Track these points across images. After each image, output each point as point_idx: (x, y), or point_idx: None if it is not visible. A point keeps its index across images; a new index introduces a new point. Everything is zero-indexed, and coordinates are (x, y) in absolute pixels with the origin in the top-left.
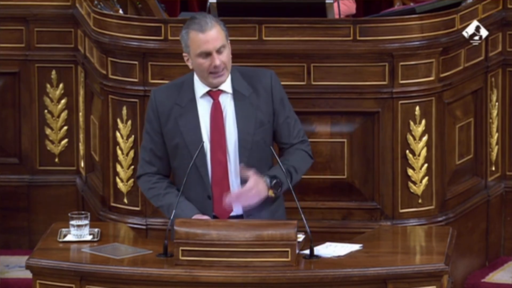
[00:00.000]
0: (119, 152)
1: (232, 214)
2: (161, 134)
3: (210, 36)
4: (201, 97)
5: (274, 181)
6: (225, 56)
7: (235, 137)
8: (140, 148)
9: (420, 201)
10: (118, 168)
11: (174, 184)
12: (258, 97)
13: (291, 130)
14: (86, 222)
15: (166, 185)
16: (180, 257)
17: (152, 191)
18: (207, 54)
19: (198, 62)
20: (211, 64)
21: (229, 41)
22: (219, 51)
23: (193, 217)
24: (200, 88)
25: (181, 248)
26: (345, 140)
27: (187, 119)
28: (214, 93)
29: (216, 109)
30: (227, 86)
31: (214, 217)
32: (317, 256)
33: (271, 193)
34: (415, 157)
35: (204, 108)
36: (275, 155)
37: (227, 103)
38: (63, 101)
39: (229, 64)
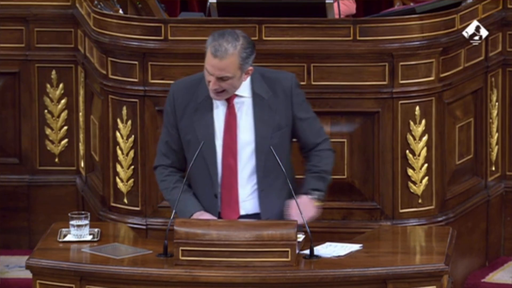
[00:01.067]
0: (119, 152)
1: (243, 213)
2: (177, 128)
3: (217, 64)
4: None
5: (316, 193)
6: (228, 84)
7: (251, 140)
8: (159, 139)
9: (420, 201)
10: (118, 168)
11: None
12: (277, 100)
13: (313, 130)
14: (86, 222)
15: (176, 179)
16: (180, 257)
17: (163, 183)
18: (210, 73)
19: (205, 72)
20: (210, 82)
21: (246, 69)
22: (221, 79)
23: (194, 215)
24: None
25: (181, 248)
26: (345, 140)
27: (201, 116)
28: (229, 97)
29: (230, 114)
30: (244, 90)
31: (220, 215)
32: (317, 256)
33: (316, 203)
34: (415, 157)
35: (219, 108)
36: (276, 156)
37: (245, 106)
38: (63, 101)
39: (230, 90)
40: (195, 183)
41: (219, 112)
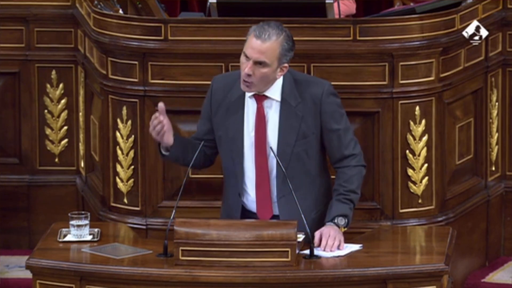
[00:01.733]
0: (119, 152)
1: (275, 213)
2: (210, 121)
3: (258, 46)
4: (250, 97)
5: (341, 220)
6: (260, 73)
7: (275, 146)
8: None
9: (420, 201)
10: (118, 168)
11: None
12: (305, 108)
13: (341, 143)
14: (86, 222)
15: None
16: (180, 257)
17: None
18: (247, 57)
19: (241, 59)
20: (246, 68)
21: (284, 64)
22: (257, 64)
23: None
24: None
25: (181, 248)
26: None
27: (232, 115)
28: (259, 97)
29: (260, 115)
30: (274, 93)
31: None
32: (317, 256)
33: (342, 229)
34: (415, 157)
35: (250, 109)
36: (276, 157)
37: (273, 111)
38: (63, 101)
39: (261, 82)
40: (226, 181)
41: (249, 113)
